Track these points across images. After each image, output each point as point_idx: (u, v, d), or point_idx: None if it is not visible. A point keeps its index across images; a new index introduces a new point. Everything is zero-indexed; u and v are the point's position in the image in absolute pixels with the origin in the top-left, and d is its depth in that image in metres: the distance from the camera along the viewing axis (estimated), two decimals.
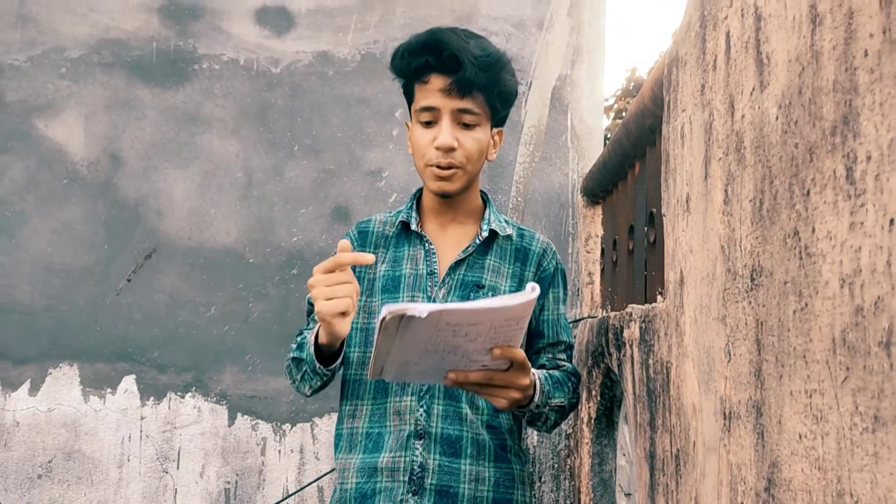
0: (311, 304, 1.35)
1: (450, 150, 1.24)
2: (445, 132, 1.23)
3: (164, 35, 2.42)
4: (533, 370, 1.16)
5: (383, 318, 0.91)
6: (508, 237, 1.37)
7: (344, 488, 1.28)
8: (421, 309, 0.90)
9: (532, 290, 0.95)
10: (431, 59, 1.22)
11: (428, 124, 1.26)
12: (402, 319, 0.91)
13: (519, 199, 2.41)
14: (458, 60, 1.20)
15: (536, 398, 1.17)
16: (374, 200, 2.39)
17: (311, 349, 1.18)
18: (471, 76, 1.21)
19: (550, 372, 1.28)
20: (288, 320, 2.35)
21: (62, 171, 2.37)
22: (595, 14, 2.50)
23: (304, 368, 1.23)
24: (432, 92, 1.24)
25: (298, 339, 1.29)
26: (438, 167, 1.25)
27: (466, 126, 1.25)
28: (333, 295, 1.05)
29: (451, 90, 1.22)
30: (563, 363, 1.36)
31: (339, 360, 1.21)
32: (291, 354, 1.27)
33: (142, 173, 2.38)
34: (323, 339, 1.14)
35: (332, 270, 1.05)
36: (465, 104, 1.23)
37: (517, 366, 1.05)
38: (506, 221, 1.39)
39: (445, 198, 1.31)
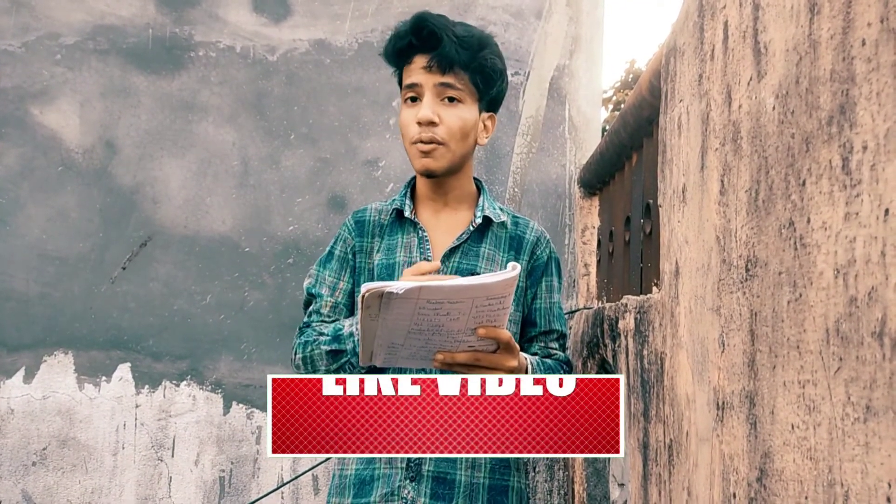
0: (309, 295, 1.35)
1: (430, 123, 1.26)
2: (426, 106, 1.26)
3: (160, 22, 2.40)
4: (524, 354, 1.17)
5: (363, 296, 0.93)
6: (503, 224, 1.36)
7: (343, 474, 1.30)
8: (399, 286, 0.92)
9: (512, 269, 0.97)
10: (414, 39, 1.26)
11: (412, 101, 1.29)
12: (381, 297, 0.93)
13: (516, 189, 2.41)
14: (438, 37, 1.24)
15: None
16: (371, 190, 2.39)
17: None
18: (450, 52, 1.24)
19: (543, 360, 1.28)
20: (283, 309, 2.35)
21: (57, 159, 2.35)
22: (594, 4, 2.49)
23: (346, 359, 1.22)
24: (415, 70, 1.27)
25: (327, 331, 1.26)
26: (421, 142, 1.27)
27: (451, 101, 1.27)
28: None
29: (432, 66, 1.25)
30: (555, 352, 1.35)
31: None
32: (326, 347, 1.24)
33: (137, 161, 2.37)
34: None
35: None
36: (447, 79, 1.26)
37: (503, 347, 1.07)
38: (500, 209, 1.38)
39: (431, 177, 1.31)
